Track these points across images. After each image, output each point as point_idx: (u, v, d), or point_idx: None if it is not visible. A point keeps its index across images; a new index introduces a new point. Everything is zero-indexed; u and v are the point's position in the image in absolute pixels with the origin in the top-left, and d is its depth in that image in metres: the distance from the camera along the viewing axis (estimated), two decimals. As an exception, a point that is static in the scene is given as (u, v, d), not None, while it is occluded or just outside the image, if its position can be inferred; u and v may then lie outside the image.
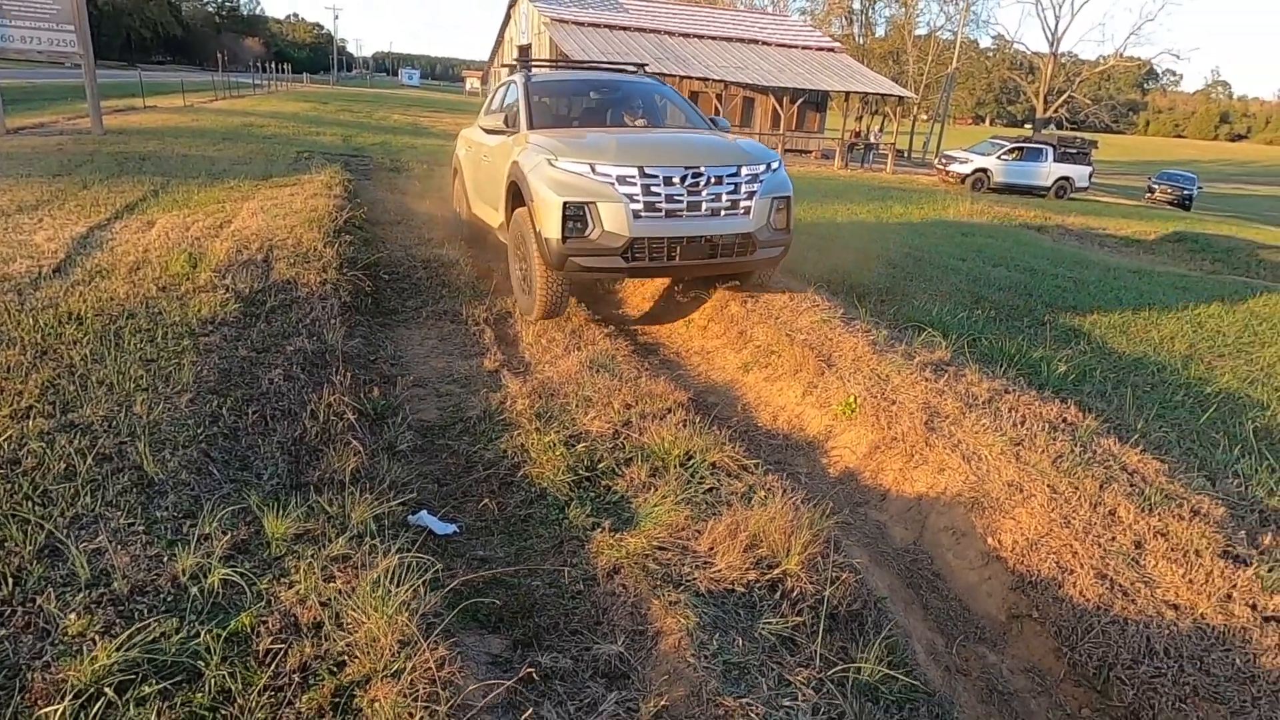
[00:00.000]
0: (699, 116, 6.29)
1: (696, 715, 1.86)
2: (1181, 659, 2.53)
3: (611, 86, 6.48)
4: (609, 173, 4.63)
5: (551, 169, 4.71)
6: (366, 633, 1.93)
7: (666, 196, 4.66)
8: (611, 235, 4.59)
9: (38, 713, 1.68)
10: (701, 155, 4.87)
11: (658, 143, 5.27)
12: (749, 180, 4.86)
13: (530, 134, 5.28)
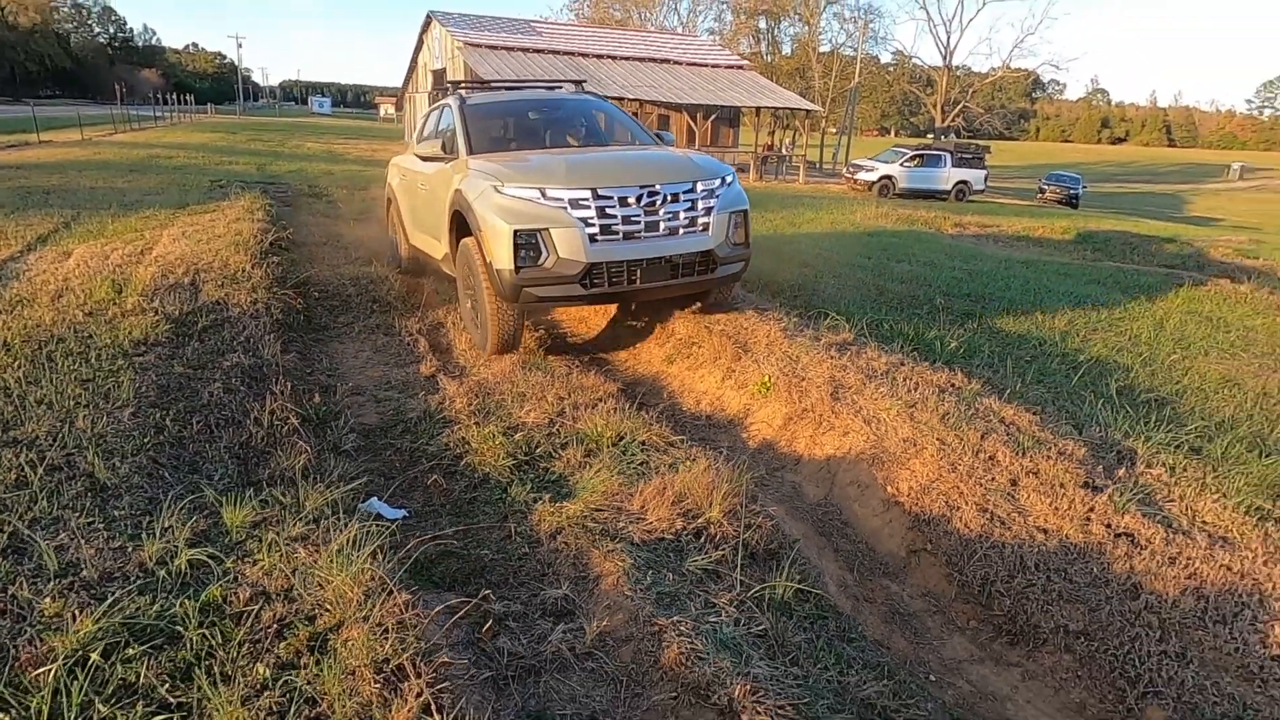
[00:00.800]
0: (644, 132, 6.09)
1: (634, 634, 2.14)
2: (1049, 571, 2.95)
3: (551, 105, 6.22)
4: (560, 196, 4.40)
5: (498, 195, 4.48)
6: (334, 590, 2.13)
7: (623, 218, 4.47)
8: (567, 262, 4.37)
9: (30, 675, 1.82)
10: (656, 172, 4.68)
11: (609, 161, 5.01)
12: (705, 196, 4.71)
13: (471, 160, 5.04)
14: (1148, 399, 4.92)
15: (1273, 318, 8.03)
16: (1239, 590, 2.80)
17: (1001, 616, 2.88)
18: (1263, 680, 2.47)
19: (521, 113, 6.08)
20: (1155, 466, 3.66)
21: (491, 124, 5.76)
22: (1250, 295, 9.12)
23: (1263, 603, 2.75)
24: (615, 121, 6.27)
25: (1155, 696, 2.48)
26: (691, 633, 2.11)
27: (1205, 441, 4.19)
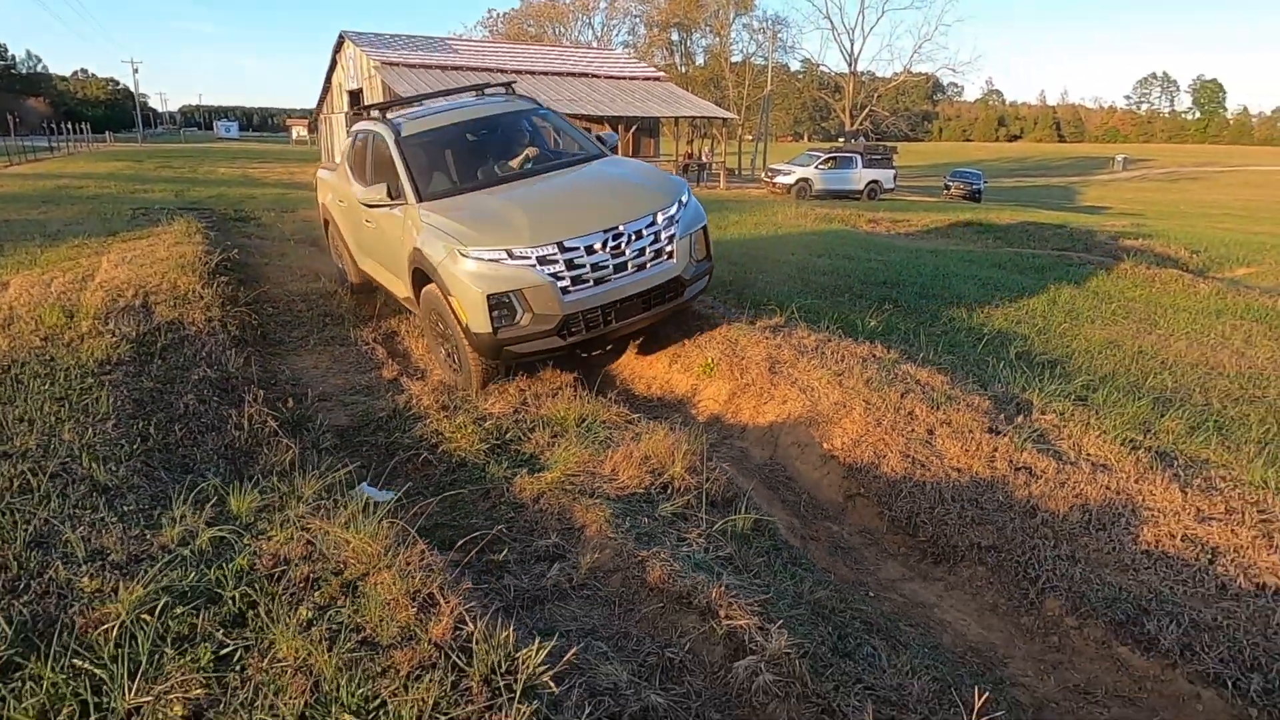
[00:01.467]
0: (586, 139, 5.93)
1: (620, 565, 2.49)
2: (963, 502, 3.44)
3: (489, 124, 5.84)
4: (528, 254, 4.35)
5: (464, 260, 4.37)
6: (354, 549, 2.41)
7: (591, 265, 4.45)
8: (543, 317, 4.35)
9: (94, 635, 2.05)
10: (616, 211, 4.61)
11: (568, 206, 4.80)
12: (667, 225, 4.69)
13: (421, 210, 4.84)
14: (1042, 361, 5.56)
15: (1148, 289, 8.98)
16: (1115, 503, 3.36)
17: (926, 542, 3.36)
18: (1134, 570, 3.00)
19: (460, 136, 5.73)
20: (1048, 413, 4.23)
21: (433, 157, 5.46)
22: (1130, 270, 10.13)
23: (1134, 511, 3.31)
24: (556, 131, 6.11)
25: (1051, 591, 2.98)
26: (669, 559, 2.48)
27: (1090, 392, 4.82)
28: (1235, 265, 12.85)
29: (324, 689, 1.78)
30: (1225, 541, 3.10)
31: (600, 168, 5.46)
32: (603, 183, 5.21)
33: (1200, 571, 2.96)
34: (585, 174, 5.38)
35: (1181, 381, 5.32)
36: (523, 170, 5.44)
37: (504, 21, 53.24)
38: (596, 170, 5.42)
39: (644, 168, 5.43)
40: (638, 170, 5.45)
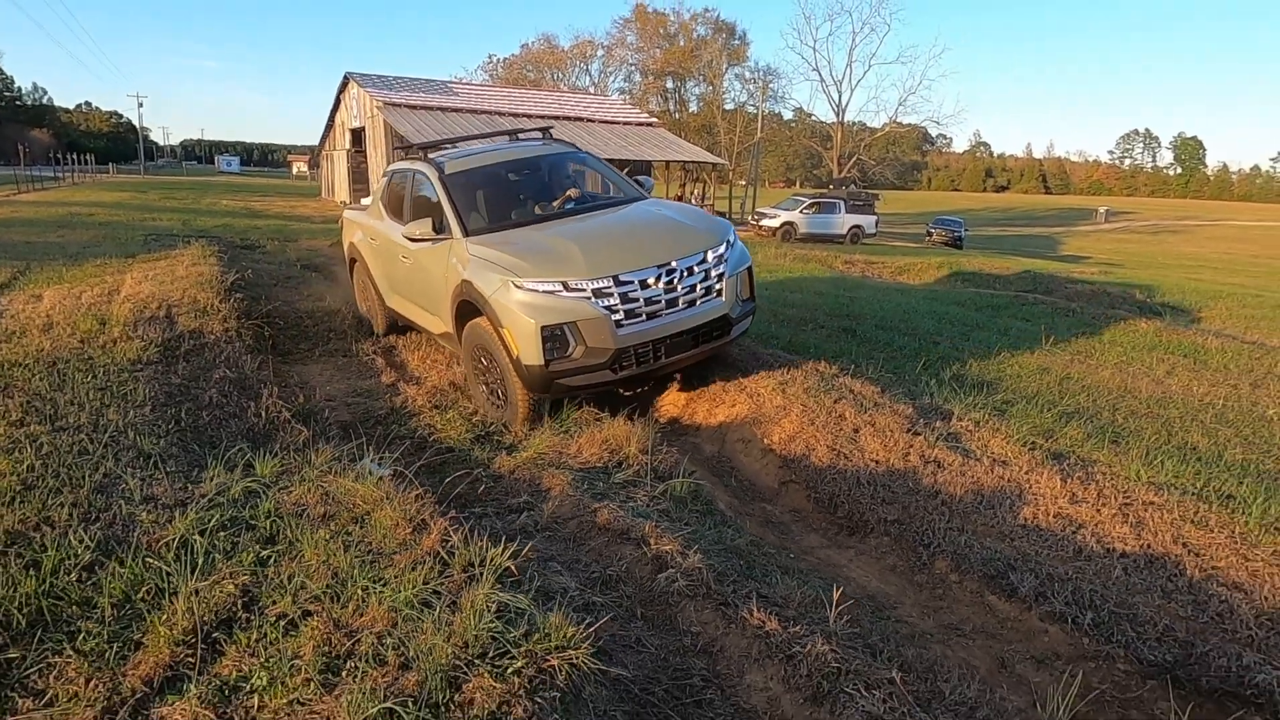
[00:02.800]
0: (624, 181, 6.04)
1: (576, 514, 3.08)
2: (877, 486, 4.04)
3: (530, 165, 5.99)
4: (584, 287, 4.38)
5: (518, 291, 4.39)
6: (361, 496, 2.99)
7: (645, 300, 4.49)
8: (596, 350, 4.37)
9: (157, 547, 2.61)
10: (669, 248, 4.68)
11: (621, 241, 4.84)
12: (716, 263, 4.79)
13: (469, 244, 4.89)
14: (976, 381, 6.20)
15: (1092, 326, 9.70)
16: (1005, 489, 3.97)
17: (843, 519, 3.95)
18: (1010, 538, 3.60)
19: (503, 175, 5.82)
20: (964, 420, 4.85)
21: (476, 194, 5.53)
22: (1080, 309, 10.88)
23: (1019, 495, 3.91)
24: (597, 174, 6.22)
25: (941, 554, 3.56)
26: (617, 509, 3.07)
27: (1008, 406, 5.45)
28: (1191, 309, 13.64)
29: (341, 575, 2.35)
30: (1089, 518, 3.71)
31: (647, 208, 5.51)
32: (653, 221, 5.20)
33: (1063, 540, 3.56)
34: (634, 212, 5.42)
35: (1096, 402, 5.96)
36: (566, 209, 5.48)
37: (504, 66, 55.00)
38: (644, 210, 5.46)
39: (691, 209, 5.48)
40: (686, 211, 5.51)
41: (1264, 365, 7.96)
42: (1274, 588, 3.18)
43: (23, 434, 3.62)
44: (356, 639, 2.02)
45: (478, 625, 2.00)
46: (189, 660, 2.01)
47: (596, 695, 1.95)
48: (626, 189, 5.94)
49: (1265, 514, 3.78)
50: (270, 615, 2.18)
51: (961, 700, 2.20)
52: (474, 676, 1.84)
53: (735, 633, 2.36)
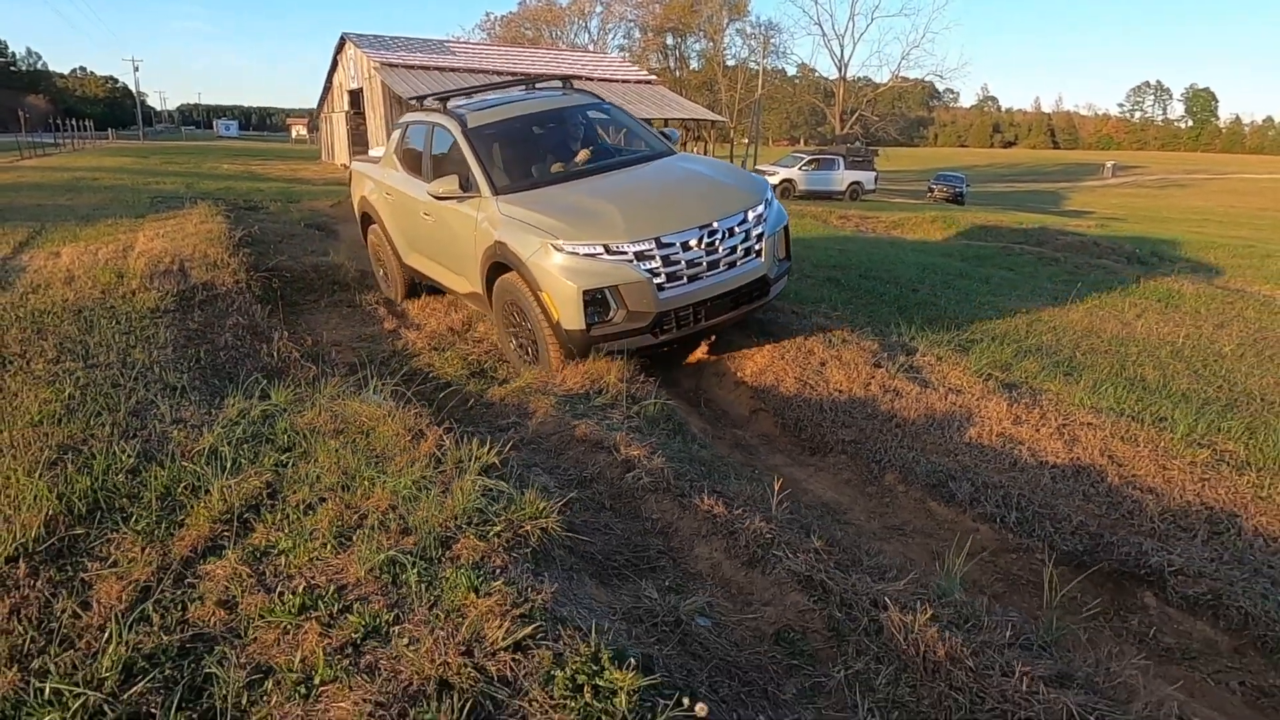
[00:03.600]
0: (651, 134, 5.94)
1: (558, 429, 3.46)
2: (838, 412, 4.41)
3: (555, 117, 5.84)
4: (625, 250, 4.32)
5: (557, 254, 4.33)
6: (366, 414, 3.37)
7: (687, 262, 4.45)
8: (637, 314, 4.34)
9: (190, 453, 3.00)
10: (711, 209, 4.61)
11: (662, 202, 4.76)
12: (756, 223, 4.73)
13: (499, 203, 4.78)
14: (947, 323, 6.53)
15: (1073, 273, 9.98)
16: (955, 413, 4.33)
17: (806, 441, 4.33)
18: (953, 454, 3.97)
19: (527, 129, 5.66)
20: (927, 355, 5.21)
21: (502, 149, 5.38)
22: (1064, 259, 11.15)
23: (968, 418, 4.28)
24: (621, 126, 6.07)
25: (890, 469, 3.94)
26: (593, 424, 3.45)
27: (973, 344, 5.79)
28: (1179, 260, 13.85)
29: (350, 472, 2.73)
30: (1028, 436, 4.08)
31: (680, 164, 5.38)
32: (691, 178, 5.10)
33: (1001, 454, 3.93)
34: (668, 169, 5.30)
35: (1060, 340, 6.29)
36: (598, 164, 5.35)
37: (501, 25, 54.29)
38: (680, 167, 5.33)
39: (727, 166, 5.32)
40: (722, 168, 5.39)
41: (1234, 309, 8.27)
42: (1182, 490, 3.56)
43: (60, 369, 4.01)
44: (364, 515, 2.41)
45: (465, 502, 2.38)
46: (225, 534, 2.40)
47: (564, 558, 2.34)
48: (653, 142, 5.82)
49: (1190, 431, 4.15)
50: (291, 502, 2.57)
51: (875, 566, 2.59)
52: (462, 538, 2.23)
53: (688, 517, 2.75)
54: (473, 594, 1.93)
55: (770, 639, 2.18)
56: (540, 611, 1.87)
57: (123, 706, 1.68)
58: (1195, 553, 3.13)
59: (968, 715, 1.85)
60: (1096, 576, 3.13)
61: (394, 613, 1.92)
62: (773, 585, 2.36)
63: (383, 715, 1.58)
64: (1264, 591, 2.85)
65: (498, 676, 1.67)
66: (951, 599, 2.34)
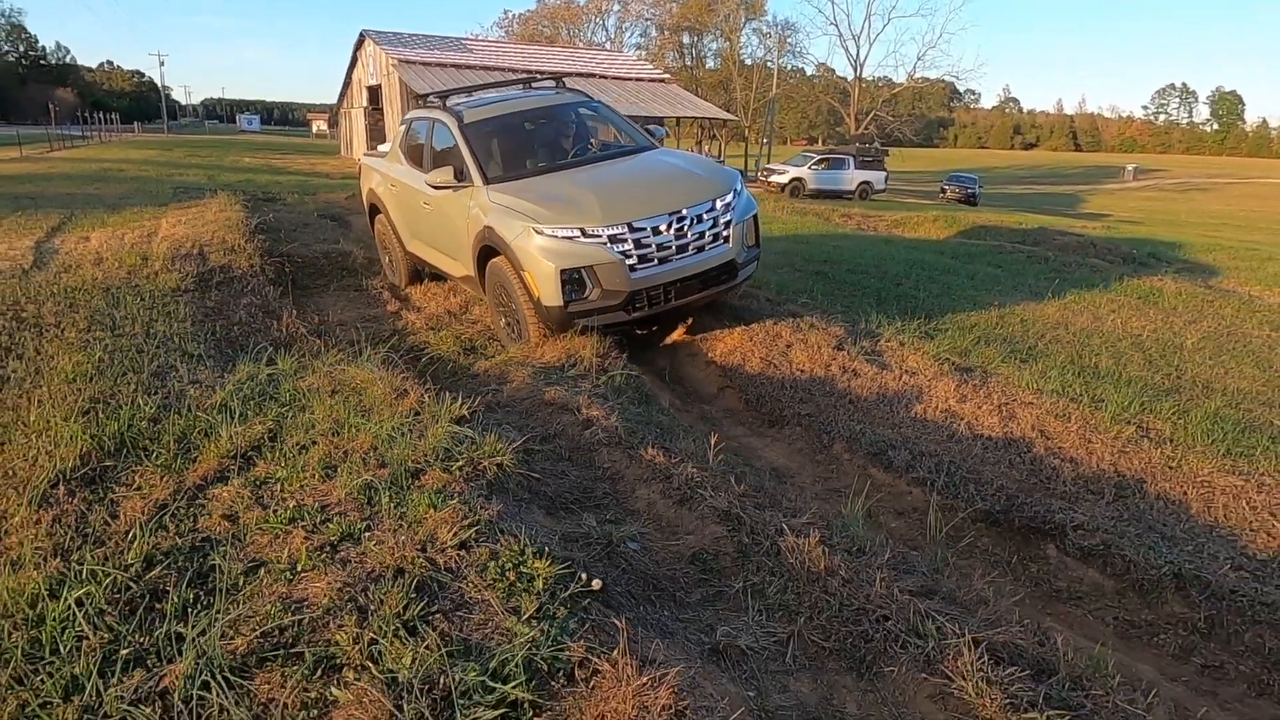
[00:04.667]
0: (635, 130, 6.30)
1: (530, 395, 3.85)
2: (798, 389, 4.77)
3: (546, 114, 6.28)
4: (599, 234, 4.67)
5: (538, 237, 4.69)
6: (361, 378, 3.77)
7: (657, 245, 4.79)
8: (611, 293, 4.69)
9: (206, 406, 3.42)
10: (680, 196, 4.96)
11: (635, 190, 5.14)
12: (724, 211, 5.06)
13: (490, 191, 5.15)
14: (923, 313, 6.85)
15: (1060, 271, 10.25)
16: (905, 391, 4.68)
17: (767, 414, 4.69)
18: (897, 426, 4.32)
19: (519, 124, 6.08)
20: (891, 341, 5.55)
21: (494, 143, 5.74)
22: (1054, 258, 11.40)
23: (917, 396, 4.63)
24: (608, 122, 6.47)
25: (839, 439, 4.29)
26: (562, 391, 3.84)
27: (939, 332, 6.12)
28: (1178, 260, 14.01)
29: (340, 421, 3.14)
30: (969, 413, 4.42)
31: (659, 157, 5.83)
32: (665, 170, 5.51)
33: (941, 428, 4.28)
34: (646, 161, 5.70)
35: (1027, 331, 6.60)
36: (582, 157, 5.79)
37: (519, 22, 54.77)
38: (656, 159, 5.76)
39: (700, 159, 5.71)
40: (695, 161, 5.76)
41: (1212, 307, 8.52)
42: (1100, 460, 3.90)
43: (90, 337, 4.46)
44: (348, 453, 2.81)
45: (435, 443, 2.78)
46: (231, 468, 2.81)
47: (517, 491, 2.73)
48: (637, 138, 6.18)
49: (1124, 410, 4.48)
50: (289, 444, 2.98)
51: (790, 507, 2.95)
52: (429, 470, 2.63)
53: (634, 466, 3.13)
54: (431, 509, 2.33)
55: (687, 559, 2.56)
56: (485, 524, 2.26)
57: (143, 584, 2.08)
58: (1098, 512, 3.47)
59: (835, 613, 2.22)
60: (1008, 531, 3.47)
61: (366, 523, 2.32)
62: (697, 519, 2.73)
63: (349, 591, 1.98)
64: (1150, 544, 3.19)
65: (444, 566, 2.07)
66: (849, 532, 2.70)
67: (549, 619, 1.84)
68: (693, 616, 2.26)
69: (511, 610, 1.87)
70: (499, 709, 1.58)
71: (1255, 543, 3.24)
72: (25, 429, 3.14)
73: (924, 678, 1.98)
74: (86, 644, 1.82)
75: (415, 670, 1.66)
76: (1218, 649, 2.72)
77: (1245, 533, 3.32)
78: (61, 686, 1.70)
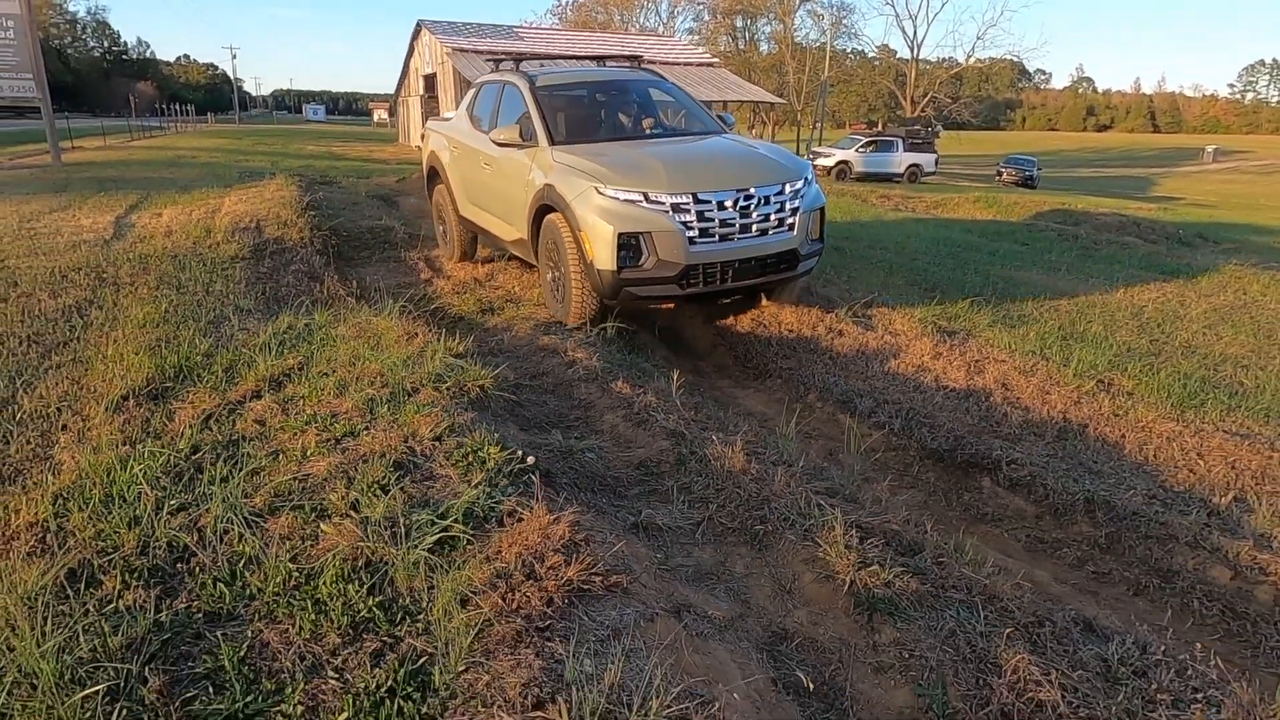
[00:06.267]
0: (707, 114, 6.29)
1: (529, 342, 4.36)
2: (784, 346, 5.15)
3: (618, 88, 6.29)
4: (663, 201, 4.60)
5: (600, 197, 4.64)
6: (382, 325, 4.33)
7: (720, 221, 4.69)
8: (666, 264, 4.59)
9: (251, 346, 4.02)
10: (750, 175, 4.90)
11: (706, 163, 5.14)
12: (792, 197, 4.95)
13: (554, 151, 5.18)
14: (931, 284, 7.10)
15: (1084, 247, 10.26)
16: (885, 350, 5.02)
17: (753, 369, 5.09)
18: (869, 379, 4.68)
19: (591, 95, 6.12)
20: (882, 308, 5.87)
21: (564, 108, 5.79)
22: (1084, 235, 11.36)
23: (894, 354, 4.97)
24: (680, 104, 6.44)
25: (814, 389, 4.67)
26: (556, 339, 4.33)
27: (935, 298, 6.38)
28: (1229, 241, 13.69)
29: (358, 355, 3.69)
30: (940, 368, 4.75)
31: (731, 139, 5.84)
32: (736, 149, 5.50)
33: (909, 381, 4.62)
34: (718, 141, 5.73)
35: (1026, 300, 6.79)
36: (653, 132, 5.87)
37: (572, 9, 55.27)
38: (728, 140, 5.79)
39: (773, 146, 5.70)
40: (768, 146, 5.73)
41: (1240, 283, 8.46)
42: (1052, 409, 4.20)
43: (159, 294, 5.14)
44: (360, 377, 3.35)
45: (431, 369, 3.30)
46: (265, 389, 3.38)
47: (498, 410, 3.23)
48: (708, 122, 6.18)
49: (1090, 367, 4.73)
50: (313, 372, 3.54)
51: (733, 429, 3.38)
52: (423, 389, 3.14)
53: (606, 397, 3.60)
54: (418, 415, 2.85)
55: (634, 466, 3.02)
56: (458, 425, 2.76)
57: (189, 463, 2.66)
58: (1035, 450, 3.79)
59: (743, 503, 2.65)
60: (951, 466, 3.82)
61: (365, 425, 2.85)
62: (649, 436, 3.19)
63: (343, 467, 2.50)
64: (1074, 477, 3.51)
65: (419, 452, 2.58)
66: (779, 447, 3.12)
67: (493, 486, 2.33)
68: (627, 505, 2.72)
69: (465, 480, 2.37)
70: (440, 539, 2.08)
71: (1175, 478, 3.53)
72: (104, 360, 3.79)
73: (801, 546, 2.40)
74: (144, 496, 2.39)
75: (383, 514, 2.17)
76: (1110, 560, 3.05)
77: (1168, 470, 3.60)
78: (125, 521, 2.27)
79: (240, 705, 1.59)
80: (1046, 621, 2.18)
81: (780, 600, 2.25)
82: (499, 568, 1.93)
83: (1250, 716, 1.85)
